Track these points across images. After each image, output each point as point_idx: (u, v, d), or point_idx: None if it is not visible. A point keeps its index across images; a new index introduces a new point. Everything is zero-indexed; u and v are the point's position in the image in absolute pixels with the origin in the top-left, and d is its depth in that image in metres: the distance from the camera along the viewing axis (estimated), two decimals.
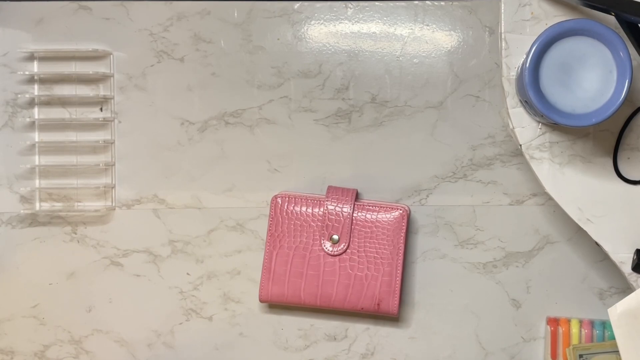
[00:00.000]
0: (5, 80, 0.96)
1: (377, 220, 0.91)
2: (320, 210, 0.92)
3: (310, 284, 0.91)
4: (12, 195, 0.97)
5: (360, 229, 0.92)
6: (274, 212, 0.93)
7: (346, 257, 0.91)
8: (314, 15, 0.96)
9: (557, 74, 0.74)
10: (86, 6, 0.96)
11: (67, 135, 0.97)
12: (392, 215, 0.91)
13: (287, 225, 0.92)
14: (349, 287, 0.91)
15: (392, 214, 0.91)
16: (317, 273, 0.91)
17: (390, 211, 0.91)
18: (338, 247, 0.91)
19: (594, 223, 0.81)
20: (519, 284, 0.95)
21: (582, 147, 0.81)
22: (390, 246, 0.91)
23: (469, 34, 0.95)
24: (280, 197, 0.93)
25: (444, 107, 0.95)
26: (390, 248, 0.91)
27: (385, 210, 0.91)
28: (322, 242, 0.92)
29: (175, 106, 0.96)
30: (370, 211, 0.91)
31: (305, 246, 0.92)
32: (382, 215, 0.91)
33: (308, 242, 0.92)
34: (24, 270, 0.97)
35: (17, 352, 0.97)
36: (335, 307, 0.92)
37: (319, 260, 0.91)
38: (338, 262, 0.91)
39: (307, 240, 0.92)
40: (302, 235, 0.92)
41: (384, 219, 0.91)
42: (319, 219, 0.92)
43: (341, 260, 0.91)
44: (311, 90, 0.96)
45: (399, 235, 0.91)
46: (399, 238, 0.91)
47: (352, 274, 0.91)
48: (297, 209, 0.92)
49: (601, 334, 0.92)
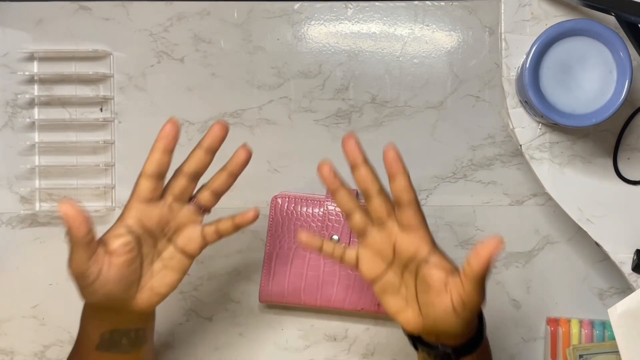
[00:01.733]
0: (5, 80, 0.96)
1: None
2: (320, 210, 0.92)
3: (310, 285, 0.91)
4: (12, 195, 0.97)
5: None
6: (273, 212, 0.93)
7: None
8: (314, 15, 0.96)
9: (557, 74, 0.74)
10: (86, 6, 0.96)
11: (67, 135, 0.97)
12: None
13: (287, 225, 0.92)
14: (349, 287, 0.91)
15: None
16: (317, 273, 0.91)
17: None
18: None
19: (594, 223, 0.81)
20: (519, 284, 0.95)
21: (582, 148, 0.81)
22: None
23: (469, 34, 0.95)
24: (280, 197, 0.93)
25: (444, 107, 0.95)
26: None
27: None
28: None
29: (175, 106, 0.96)
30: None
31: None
32: None
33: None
34: (24, 270, 0.97)
35: (17, 352, 0.97)
36: (335, 307, 0.92)
37: (319, 261, 0.91)
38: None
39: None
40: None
41: None
42: (319, 220, 0.92)
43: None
44: (311, 91, 0.96)
45: None
46: None
47: (352, 275, 0.91)
48: (297, 210, 0.92)
49: (601, 334, 0.92)
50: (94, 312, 0.75)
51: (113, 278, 0.70)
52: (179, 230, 0.75)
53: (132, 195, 0.73)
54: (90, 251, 0.69)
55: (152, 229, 0.73)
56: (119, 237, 0.71)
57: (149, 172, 0.72)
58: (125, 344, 0.76)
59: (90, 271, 0.69)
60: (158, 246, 0.74)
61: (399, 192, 0.70)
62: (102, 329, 0.75)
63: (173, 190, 0.74)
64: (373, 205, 0.72)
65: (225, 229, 0.76)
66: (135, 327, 0.76)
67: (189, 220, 0.75)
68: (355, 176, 0.72)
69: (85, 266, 0.69)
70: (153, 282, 0.74)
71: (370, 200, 0.72)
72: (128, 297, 0.73)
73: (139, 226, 0.72)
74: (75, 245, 0.69)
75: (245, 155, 0.75)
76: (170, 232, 0.75)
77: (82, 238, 0.68)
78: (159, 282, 0.74)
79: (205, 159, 0.74)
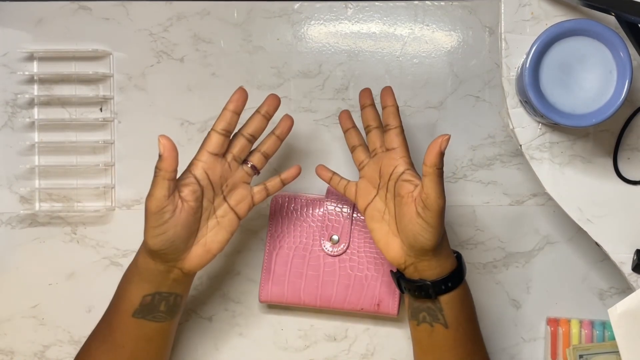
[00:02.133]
0: (5, 80, 0.96)
1: None
2: (320, 210, 0.92)
3: (310, 285, 0.91)
4: (11, 195, 0.97)
5: (360, 229, 0.91)
6: (273, 212, 0.93)
7: (346, 258, 0.91)
8: (314, 15, 0.96)
9: (557, 74, 0.74)
10: (86, 6, 0.96)
11: (67, 135, 0.97)
12: None
13: (287, 225, 0.92)
14: (349, 287, 0.91)
15: None
16: (317, 273, 0.91)
17: None
18: (338, 247, 0.91)
19: (594, 223, 0.81)
20: (519, 284, 0.95)
21: (582, 147, 0.81)
22: None
23: (469, 34, 0.95)
24: (280, 197, 0.93)
25: (444, 107, 0.95)
26: None
27: None
28: (322, 243, 0.92)
29: (175, 106, 0.96)
30: None
31: (305, 246, 0.92)
32: None
33: (308, 242, 0.92)
34: (24, 270, 0.97)
35: (17, 352, 0.97)
36: (335, 307, 0.92)
37: (319, 261, 0.91)
38: (338, 263, 0.91)
39: (307, 241, 0.92)
40: (302, 235, 0.92)
41: None
42: (319, 220, 0.92)
43: (341, 260, 0.91)
44: (311, 90, 0.96)
45: None
46: None
47: (352, 275, 0.91)
48: (296, 209, 0.92)
49: (601, 334, 0.92)
50: (144, 269, 0.80)
51: (182, 221, 0.77)
52: (233, 189, 0.83)
53: (202, 147, 0.81)
54: (170, 189, 0.76)
55: (214, 183, 0.80)
56: (188, 185, 0.79)
57: (220, 128, 0.80)
58: (163, 310, 0.82)
59: (167, 209, 0.76)
60: (215, 202, 0.81)
61: (387, 119, 0.83)
62: (145, 291, 0.80)
63: (233, 149, 0.82)
64: (370, 137, 0.85)
65: (272, 185, 0.86)
66: (176, 291, 0.82)
67: (242, 180, 0.83)
68: (363, 113, 0.86)
69: (164, 202, 0.76)
70: (207, 237, 0.81)
71: (369, 133, 0.85)
72: (186, 247, 0.79)
73: (204, 177, 0.80)
74: (161, 179, 0.76)
75: (290, 121, 0.86)
76: (226, 190, 0.82)
77: (170, 173, 0.76)
78: (211, 238, 0.81)
79: (262, 123, 0.84)
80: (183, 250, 0.79)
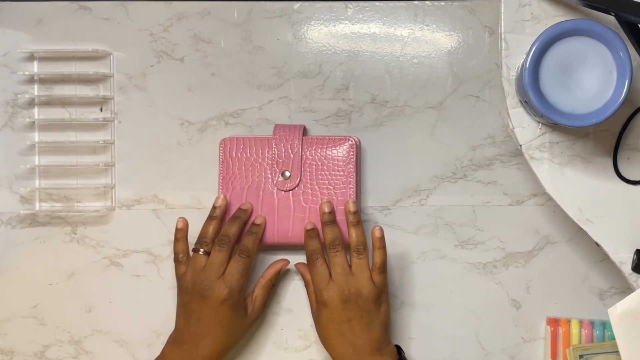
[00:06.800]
0: (5, 80, 0.96)
1: (327, 153, 0.91)
2: (269, 149, 0.92)
3: (267, 222, 0.92)
4: (12, 195, 0.97)
5: (311, 163, 0.92)
6: (223, 155, 0.93)
7: (299, 191, 0.92)
8: (314, 15, 0.96)
9: (557, 74, 0.74)
10: (86, 6, 0.96)
11: (67, 135, 0.97)
12: (342, 147, 0.91)
13: (238, 166, 0.92)
14: (305, 220, 0.92)
15: (342, 146, 0.91)
16: (271, 210, 0.92)
17: (340, 143, 0.91)
18: (290, 182, 0.92)
19: (594, 223, 0.81)
20: (519, 284, 0.95)
21: (582, 147, 0.81)
22: (343, 176, 0.91)
23: (469, 34, 0.95)
24: (228, 140, 0.93)
25: (444, 107, 0.95)
26: (343, 178, 0.91)
27: (335, 143, 0.92)
28: (274, 179, 0.92)
29: (175, 106, 0.96)
30: (319, 145, 0.92)
31: (257, 185, 0.92)
32: (331, 148, 0.92)
33: (260, 180, 0.92)
34: (24, 270, 0.97)
35: (17, 352, 0.97)
36: (293, 242, 0.92)
37: (273, 197, 0.92)
38: (291, 197, 0.92)
39: (259, 179, 0.92)
40: (253, 174, 0.92)
41: (334, 151, 0.91)
42: (269, 157, 0.92)
43: (294, 194, 0.92)
44: (311, 91, 0.96)
45: (349, 165, 0.91)
46: (349, 167, 0.91)
47: (307, 207, 0.92)
48: (246, 150, 0.93)
49: (601, 334, 0.92)
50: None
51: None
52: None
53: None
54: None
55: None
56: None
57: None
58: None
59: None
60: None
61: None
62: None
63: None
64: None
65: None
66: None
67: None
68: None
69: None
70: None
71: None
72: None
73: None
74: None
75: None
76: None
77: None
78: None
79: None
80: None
